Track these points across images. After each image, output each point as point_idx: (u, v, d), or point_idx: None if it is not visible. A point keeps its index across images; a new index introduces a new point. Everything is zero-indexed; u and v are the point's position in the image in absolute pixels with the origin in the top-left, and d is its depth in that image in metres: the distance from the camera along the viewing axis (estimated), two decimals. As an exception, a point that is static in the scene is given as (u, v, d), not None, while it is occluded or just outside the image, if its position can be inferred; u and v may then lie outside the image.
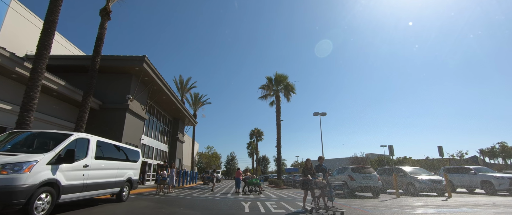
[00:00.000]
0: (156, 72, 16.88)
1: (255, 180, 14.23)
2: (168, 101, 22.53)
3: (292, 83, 29.02)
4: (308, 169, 7.37)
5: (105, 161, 6.97)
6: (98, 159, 6.61)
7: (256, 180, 14.36)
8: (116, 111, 15.54)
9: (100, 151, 6.77)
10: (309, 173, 7.27)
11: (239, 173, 15.53)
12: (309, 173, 7.28)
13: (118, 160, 7.69)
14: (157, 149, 23.64)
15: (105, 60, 15.17)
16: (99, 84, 16.06)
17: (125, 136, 15.46)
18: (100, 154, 6.73)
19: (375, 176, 12.19)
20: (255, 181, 14.13)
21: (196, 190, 15.42)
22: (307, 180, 7.16)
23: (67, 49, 17.62)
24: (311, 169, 7.37)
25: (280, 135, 27.53)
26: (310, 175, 7.21)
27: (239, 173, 15.57)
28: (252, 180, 14.37)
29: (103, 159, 6.92)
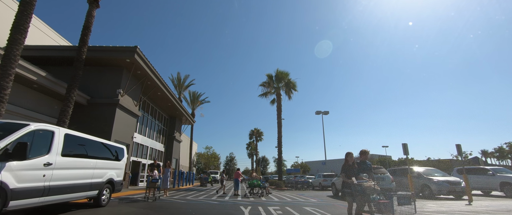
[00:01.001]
0: (149, 65, 15.73)
1: (256, 182, 13.04)
2: (164, 98, 21.37)
3: (294, 81, 27.90)
4: (350, 168, 5.23)
5: (77, 158, 5.82)
6: (68, 156, 5.46)
7: (258, 181, 13.16)
8: (105, 106, 14.38)
9: (70, 147, 5.61)
10: (352, 173, 5.15)
11: (238, 173, 14.39)
12: (352, 173, 5.14)
13: (95, 158, 6.53)
14: (152, 148, 22.47)
15: (93, 52, 14.06)
16: (87, 78, 14.94)
17: (115, 133, 14.30)
18: (70, 150, 5.58)
19: (388, 177, 11.06)
20: (256, 182, 12.95)
21: (191, 192, 14.26)
22: (351, 183, 4.96)
23: (54, 41, 16.46)
24: (353, 167, 5.26)
25: (281, 134, 26.39)
26: (354, 176, 5.10)
27: (239, 173, 14.41)
28: (253, 181, 13.16)
29: (75, 156, 5.77)
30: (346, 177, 5.15)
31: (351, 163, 5.28)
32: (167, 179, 11.34)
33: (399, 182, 12.35)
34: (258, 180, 13.25)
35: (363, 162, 5.58)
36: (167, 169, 11.55)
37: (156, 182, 9.72)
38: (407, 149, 11.44)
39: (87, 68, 15.05)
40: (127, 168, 16.01)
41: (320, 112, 30.91)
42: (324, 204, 9.15)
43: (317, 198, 11.84)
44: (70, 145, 5.57)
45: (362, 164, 5.52)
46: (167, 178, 11.37)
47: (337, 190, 13.50)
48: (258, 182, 12.97)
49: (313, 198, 11.77)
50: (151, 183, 9.68)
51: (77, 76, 12.05)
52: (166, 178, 11.17)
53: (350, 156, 5.33)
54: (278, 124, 26.84)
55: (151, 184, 9.70)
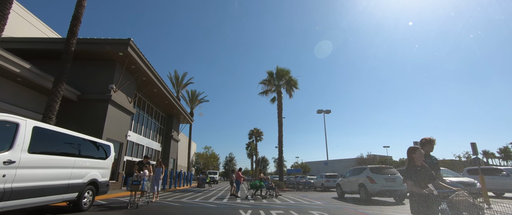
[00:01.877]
0: (144, 59, 14.92)
1: (258, 182, 12.06)
2: (160, 95, 20.55)
3: (295, 78, 27.12)
4: (421, 171, 3.15)
5: (49, 156, 5.01)
6: (37, 153, 4.66)
7: (260, 182, 12.27)
8: (96, 103, 13.57)
9: (41, 142, 4.81)
10: (427, 177, 3.13)
11: (239, 174, 13.19)
12: (426, 178, 3.12)
13: (74, 156, 5.72)
14: (148, 148, 21.65)
15: (83, 44, 13.26)
16: (78, 73, 14.15)
17: (108, 131, 13.49)
18: (40, 146, 4.78)
19: (399, 178, 10.25)
20: (258, 182, 11.98)
21: (188, 194, 13.44)
22: (429, 195, 2.89)
23: (44, 35, 15.62)
24: (425, 170, 3.19)
25: (281, 133, 25.59)
26: (430, 182, 3.14)
27: (239, 174, 13.22)
28: (255, 182, 12.17)
29: (47, 153, 4.96)
30: (416, 186, 3.02)
31: (420, 163, 3.21)
32: (158, 180, 9.37)
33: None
34: (261, 181, 12.27)
35: (427, 155, 3.76)
36: (158, 168, 9.58)
37: (138, 185, 7.39)
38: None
39: (78, 62, 14.28)
40: (121, 168, 15.19)
41: (322, 111, 30.13)
42: (331, 207, 8.35)
43: (322, 200, 11.04)
44: (40, 140, 4.77)
45: (429, 160, 3.72)
46: (158, 179, 9.39)
47: (343, 192, 12.72)
48: (260, 182, 12.02)
49: (317, 200, 10.97)
50: (133, 186, 7.45)
51: (65, 70, 11.25)
52: (157, 179, 9.25)
53: (418, 152, 3.20)
54: (278, 123, 26.06)
55: (132, 186, 7.46)
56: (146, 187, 7.65)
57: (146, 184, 7.68)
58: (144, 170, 8.07)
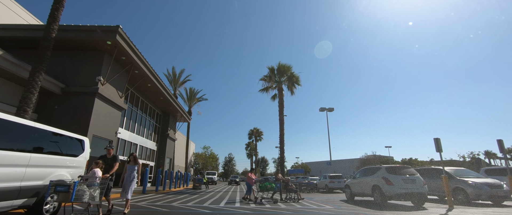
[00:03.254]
0: (135, 49, 13.74)
1: (269, 184, 10.64)
2: (155, 91, 19.37)
3: (297, 74, 25.95)
4: None
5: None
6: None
7: (272, 184, 10.73)
8: (82, 96, 12.39)
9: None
10: None
11: (250, 178, 11.15)
12: None
13: (28, 151, 4.53)
14: (142, 146, 20.47)
15: (66, 32, 12.11)
16: (62, 64, 12.99)
17: (94, 127, 12.31)
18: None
19: (419, 179, 9.08)
20: (269, 184, 10.58)
21: (181, 196, 12.25)
22: None
23: (24, 21, 14.41)
24: None
25: (283, 132, 24.39)
26: None
27: (251, 177, 11.16)
28: (265, 183, 10.69)
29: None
30: None
31: None
32: (131, 183, 6.36)
33: (429, 184, 10.40)
34: (272, 183, 10.84)
35: None
36: (131, 166, 6.41)
37: (66, 192, 4.48)
38: (440, 145, 9.48)
39: (62, 53, 13.15)
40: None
41: (324, 109, 28.97)
42: (345, 213, 7.18)
43: (331, 204, 9.87)
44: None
45: None
46: (131, 181, 6.37)
47: (352, 194, 11.54)
48: (272, 184, 10.62)
49: (325, 204, 9.80)
50: (60, 194, 4.55)
51: (44, 58, 10.09)
52: (129, 182, 6.33)
53: None
54: (280, 121, 24.86)
55: (60, 195, 4.57)
56: (85, 196, 4.62)
57: (87, 192, 4.68)
58: (94, 168, 5.39)
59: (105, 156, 5.94)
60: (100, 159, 5.81)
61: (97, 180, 5.15)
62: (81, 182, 4.81)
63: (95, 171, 5.34)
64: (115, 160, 5.94)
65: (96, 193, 4.86)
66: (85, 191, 4.68)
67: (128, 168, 6.44)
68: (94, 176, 5.21)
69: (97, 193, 4.87)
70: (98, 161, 5.60)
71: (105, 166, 5.68)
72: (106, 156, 5.97)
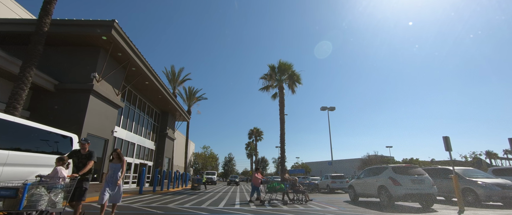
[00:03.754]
0: (131, 45, 13.31)
1: (278, 184, 10.02)
2: (153, 89, 18.94)
3: (298, 73, 25.52)
4: None
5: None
6: None
7: (280, 184, 10.12)
8: (76, 93, 11.96)
9: None
10: None
11: (256, 178, 10.57)
12: None
13: (8, 149, 4.10)
14: (140, 146, 20.03)
15: (60, 26, 11.69)
16: (56, 60, 12.58)
17: (89, 125, 11.88)
18: None
19: (428, 180, 8.66)
20: (278, 185, 9.98)
21: (179, 197, 11.82)
22: None
23: (16, 15, 13.98)
24: None
25: (284, 131, 23.94)
26: None
27: (256, 176, 10.63)
28: (273, 184, 10.06)
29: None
30: None
31: None
32: (116, 185, 5.17)
33: (436, 185, 9.95)
34: (281, 184, 10.26)
35: None
36: (115, 164, 5.25)
37: (13, 198, 3.53)
38: (450, 143, 9.05)
39: (56, 49, 12.73)
40: (106, 168, 13.55)
41: (325, 108, 28.54)
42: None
43: (335, 205, 9.45)
44: None
45: None
46: (115, 182, 5.16)
47: (356, 195, 11.12)
48: (280, 185, 10.06)
49: (329, 205, 9.38)
50: (6, 201, 3.61)
51: (36, 52, 9.68)
52: (111, 184, 5.10)
53: None
54: (280, 120, 24.41)
55: (6, 203, 3.61)
56: (42, 202, 3.68)
57: (46, 197, 3.74)
58: (58, 166, 4.27)
59: (79, 152, 4.85)
60: (72, 155, 4.80)
61: (61, 181, 4.01)
62: (38, 183, 3.66)
63: (58, 169, 4.16)
64: (90, 157, 4.82)
65: (58, 197, 3.80)
66: (42, 195, 3.64)
67: (110, 167, 5.24)
68: (56, 176, 4.07)
69: (59, 198, 3.81)
70: (62, 157, 4.45)
71: (78, 164, 4.67)
72: (80, 151, 4.86)
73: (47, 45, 12.58)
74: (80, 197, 4.52)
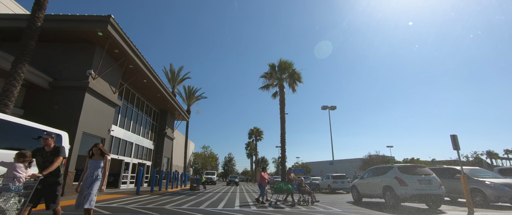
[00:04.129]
0: (128, 41, 12.97)
1: (285, 185, 9.53)
2: (151, 87, 18.60)
3: (299, 71, 25.18)
4: None
5: None
6: None
7: (288, 185, 9.63)
8: (71, 90, 11.63)
9: None
10: None
11: (263, 177, 9.98)
12: None
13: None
14: (139, 145, 19.70)
15: (54, 22, 11.36)
16: (50, 57, 12.25)
17: (84, 124, 11.55)
18: None
19: (436, 180, 8.33)
20: (286, 186, 9.49)
21: (177, 198, 11.49)
22: None
23: (9, 10, 13.64)
24: None
25: (284, 130, 23.63)
26: None
27: (262, 175, 10.04)
28: (280, 185, 9.56)
29: None
30: None
31: None
32: (95, 185, 4.14)
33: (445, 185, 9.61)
34: (284, 183, 9.80)
35: None
36: (95, 161, 4.29)
37: None
38: (458, 142, 8.72)
39: (50, 45, 12.41)
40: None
41: (326, 107, 28.22)
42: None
43: (338, 206, 9.12)
44: None
45: None
46: (92, 184, 4.12)
47: (360, 195, 10.79)
48: (288, 186, 9.58)
49: (332, 206, 9.05)
50: None
51: (28, 48, 9.36)
52: (88, 185, 4.11)
53: None
54: (281, 119, 24.10)
55: None
56: None
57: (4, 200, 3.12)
58: (18, 163, 3.51)
59: (43, 149, 3.91)
60: (35, 153, 3.85)
61: (17, 182, 3.18)
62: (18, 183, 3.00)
63: (15, 166, 3.35)
64: (57, 154, 3.84)
65: (8, 204, 3.02)
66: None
67: (89, 164, 4.24)
68: (10, 176, 3.24)
69: (12, 203, 3.05)
70: (23, 152, 3.58)
71: (44, 164, 3.76)
72: (44, 149, 3.92)
73: (42, 41, 12.25)
74: (51, 202, 3.77)
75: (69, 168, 10.60)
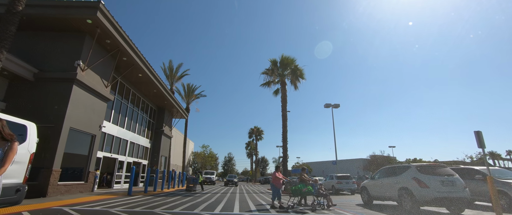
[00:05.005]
0: (121, 30, 12.09)
1: (305, 187, 8.25)
2: (147, 82, 17.72)
3: (301, 67, 24.29)
4: None
5: None
6: None
7: (309, 187, 8.30)
8: (58, 82, 10.75)
9: None
10: None
11: (277, 177, 8.58)
12: None
13: None
14: (134, 143, 18.81)
15: (38, 7, 10.48)
16: (36, 46, 11.39)
17: (72, 118, 10.67)
18: None
19: (459, 181, 7.42)
20: (307, 188, 8.21)
21: (171, 199, 10.62)
22: None
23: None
24: None
25: (286, 128, 22.74)
26: None
27: (276, 176, 8.63)
28: (298, 186, 8.29)
29: None
30: None
31: None
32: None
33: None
34: (303, 185, 8.44)
35: None
36: None
37: None
38: (483, 139, 7.81)
39: (36, 33, 11.55)
40: (92, 166, 12.35)
41: (329, 105, 27.25)
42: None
43: (348, 209, 8.22)
44: None
45: None
46: None
47: (371, 197, 9.88)
48: (308, 187, 8.28)
49: (342, 210, 8.15)
50: None
51: (7, 34, 8.49)
52: None
53: None
54: (282, 117, 23.21)
55: None
56: None
57: None
58: None
59: None
60: None
61: None
62: None
63: None
64: None
65: None
66: None
67: None
68: None
69: None
70: None
71: None
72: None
73: (26, 30, 11.42)
74: None
75: (53, 166, 9.71)
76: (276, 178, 8.51)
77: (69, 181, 10.95)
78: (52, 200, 8.47)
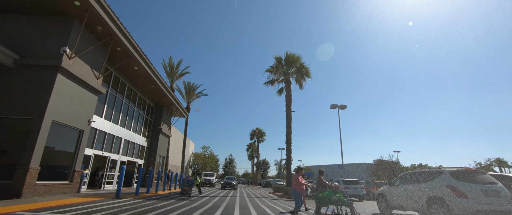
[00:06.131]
0: (113, 15, 11.01)
1: (331, 194, 6.89)
2: (144, 76, 16.63)
3: (307, 65, 23.13)
4: None
5: None
6: None
7: (341, 196, 6.85)
8: (41, 70, 9.66)
9: None
10: None
11: (298, 180, 7.50)
12: None
13: None
14: (129, 141, 17.70)
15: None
16: (18, 31, 10.33)
17: (55, 110, 9.56)
18: None
19: (504, 191, 6.19)
20: (339, 196, 6.84)
21: (163, 203, 9.44)
22: None
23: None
24: None
25: (290, 129, 21.56)
26: None
27: (298, 180, 7.51)
28: (326, 193, 6.85)
29: None
30: None
31: None
32: None
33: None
34: (342, 194, 7.06)
35: None
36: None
37: None
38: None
39: (18, 17, 10.43)
40: (78, 165, 11.22)
41: (336, 106, 26.08)
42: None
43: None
44: None
45: None
46: None
47: (390, 206, 8.65)
48: (339, 195, 6.94)
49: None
50: None
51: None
52: None
53: None
54: (287, 117, 22.05)
55: None
56: None
57: None
58: None
59: None
60: None
61: None
62: None
63: None
64: None
65: None
66: None
67: None
68: None
69: None
70: None
71: None
72: None
73: (8, 12, 10.37)
74: None
75: (30, 163, 8.59)
76: (299, 183, 7.22)
77: (50, 181, 9.81)
78: (26, 202, 7.35)
